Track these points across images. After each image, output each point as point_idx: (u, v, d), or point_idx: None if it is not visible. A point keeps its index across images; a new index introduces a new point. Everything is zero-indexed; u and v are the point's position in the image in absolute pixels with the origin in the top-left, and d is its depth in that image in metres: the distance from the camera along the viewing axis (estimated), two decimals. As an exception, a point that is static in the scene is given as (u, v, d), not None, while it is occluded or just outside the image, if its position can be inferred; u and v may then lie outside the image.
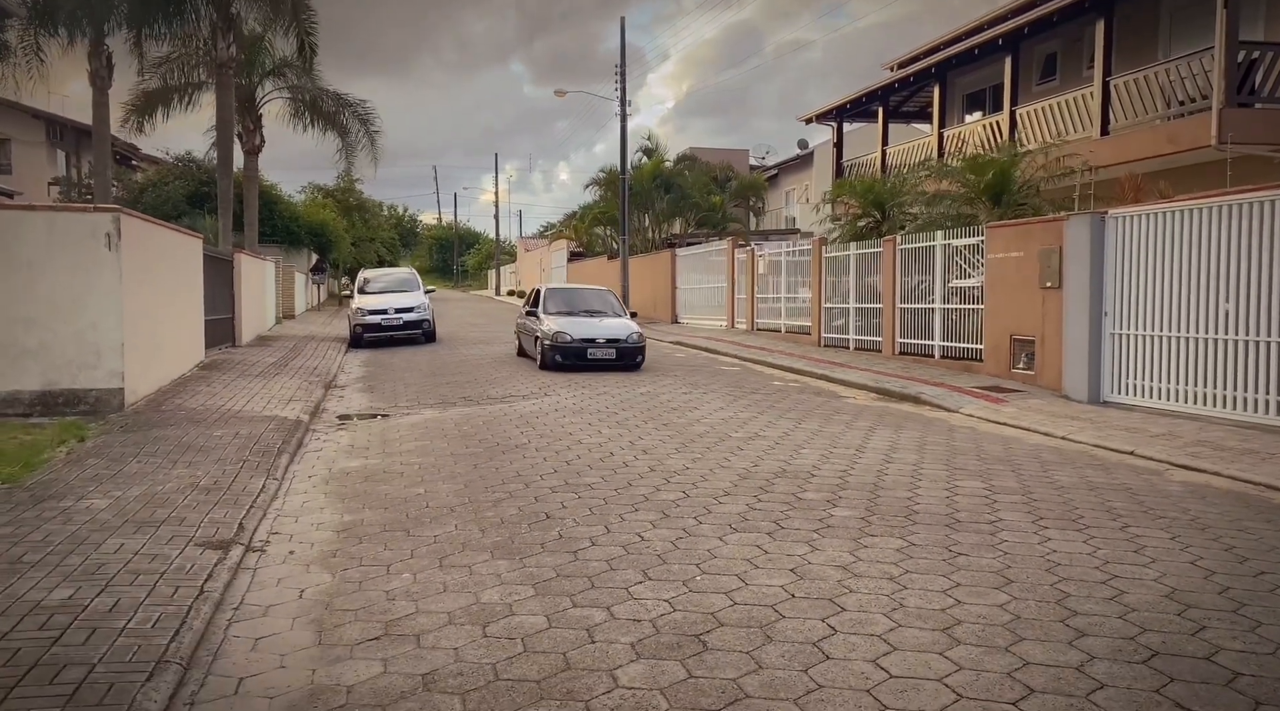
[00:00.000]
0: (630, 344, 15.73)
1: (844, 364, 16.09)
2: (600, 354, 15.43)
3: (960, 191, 17.24)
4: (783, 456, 8.41)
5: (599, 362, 15.41)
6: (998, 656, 3.97)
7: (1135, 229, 11.18)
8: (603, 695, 3.68)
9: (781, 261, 21.60)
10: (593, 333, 15.67)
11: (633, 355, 15.73)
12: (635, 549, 5.58)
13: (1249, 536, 5.84)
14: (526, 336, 17.31)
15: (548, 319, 16.07)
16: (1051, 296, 12.55)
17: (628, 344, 15.70)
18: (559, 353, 15.36)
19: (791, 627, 4.32)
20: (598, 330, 15.79)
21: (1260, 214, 9.56)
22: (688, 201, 33.39)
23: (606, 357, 15.46)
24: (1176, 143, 15.97)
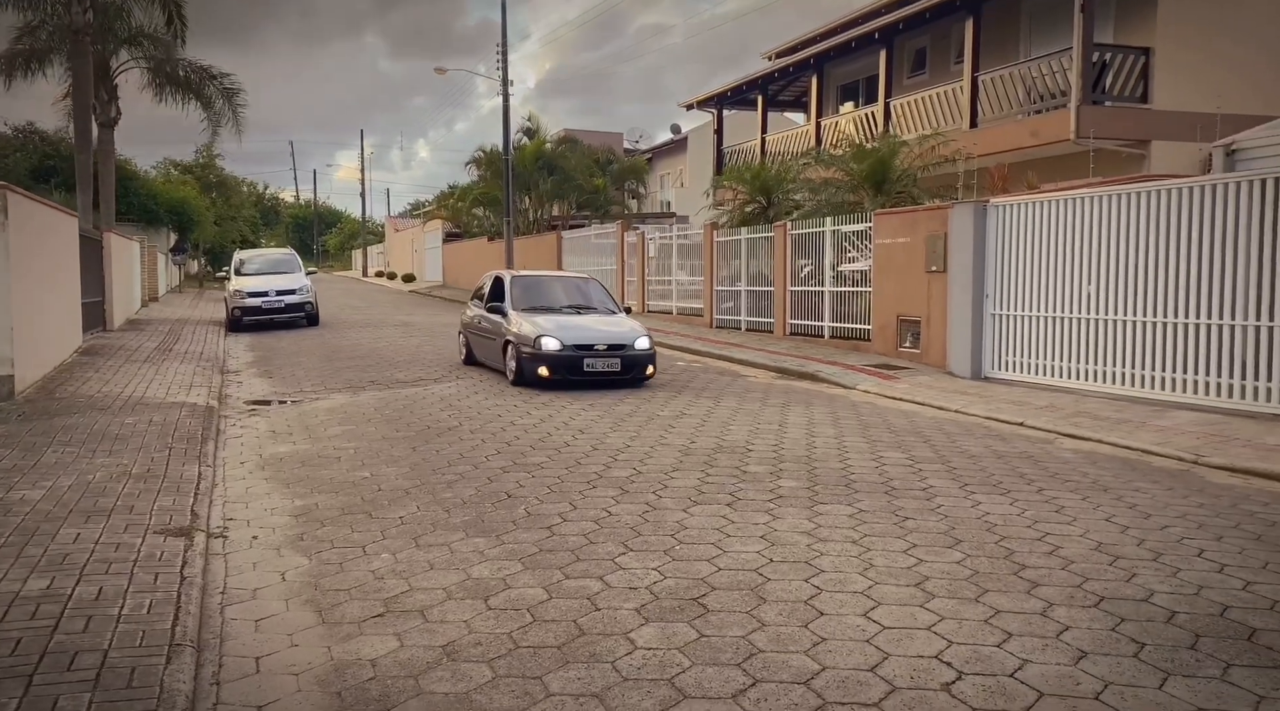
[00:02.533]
0: (638, 352, 11.67)
1: (739, 344, 16.65)
2: (601, 365, 11.38)
3: (843, 179, 18.07)
4: (714, 433, 8.77)
5: (599, 377, 11.41)
6: (971, 606, 4.40)
7: (1013, 217, 12.08)
8: (625, 656, 3.89)
9: (672, 245, 22.04)
10: (588, 337, 11.66)
11: (642, 366, 11.72)
12: (607, 523, 5.79)
13: (1145, 495, 6.56)
14: (484, 340, 13.13)
15: (520, 318, 12.04)
16: (937, 280, 13.39)
17: (635, 352, 11.63)
18: (544, 364, 11.26)
19: (780, 588, 4.64)
20: (594, 333, 11.78)
21: (1118, 205, 10.55)
22: (571, 183, 33.41)
23: (609, 370, 11.44)
24: (1039, 136, 17.23)
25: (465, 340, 14.21)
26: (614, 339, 11.74)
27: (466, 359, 14.10)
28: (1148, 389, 10.21)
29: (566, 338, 11.48)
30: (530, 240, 31.72)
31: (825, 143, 23.04)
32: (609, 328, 12.07)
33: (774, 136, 26.40)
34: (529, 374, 11.43)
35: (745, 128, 29.08)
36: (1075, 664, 3.78)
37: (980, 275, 12.49)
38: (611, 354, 11.53)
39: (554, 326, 11.69)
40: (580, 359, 11.38)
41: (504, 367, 12.13)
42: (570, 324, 11.96)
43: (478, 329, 13.49)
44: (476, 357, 13.66)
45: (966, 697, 3.50)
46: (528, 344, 11.50)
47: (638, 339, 11.79)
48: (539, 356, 11.35)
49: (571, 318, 12.31)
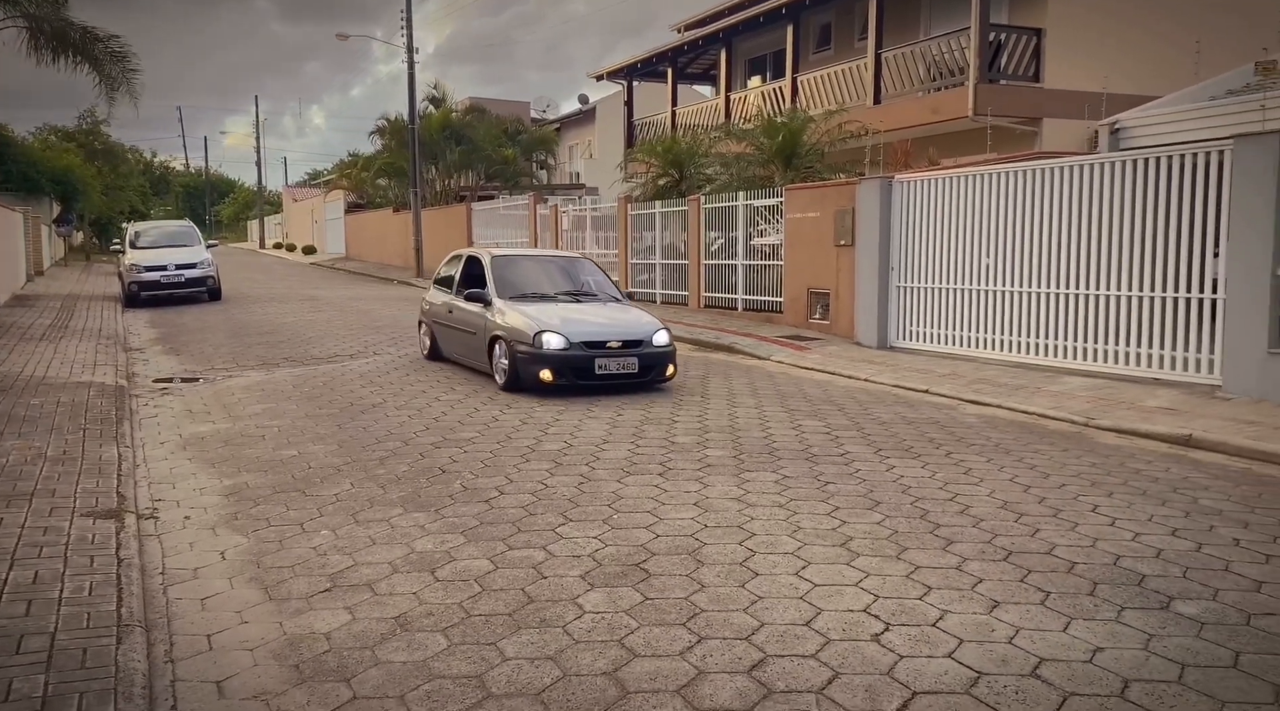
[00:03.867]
0: (657, 348, 9.66)
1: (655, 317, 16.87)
2: (615, 366, 9.36)
3: (754, 154, 18.41)
4: (639, 405, 8.97)
5: (613, 381, 9.41)
6: (893, 563, 4.73)
7: (916, 192, 12.58)
8: (574, 621, 4.06)
9: (586, 217, 22.08)
10: (598, 332, 9.60)
11: (661, 365, 9.72)
12: (544, 495, 5.94)
13: (1042, 456, 7.05)
14: (458, 334, 10.96)
15: (509, 308, 9.93)
16: (845, 253, 13.85)
17: (654, 348, 9.62)
18: (547, 366, 9.20)
19: (716, 552, 4.88)
20: (603, 327, 9.74)
21: (1012, 181, 11.12)
22: (479, 154, 32.98)
23: (625, 372, 9.42)
24: (939, 113, 17.87)
25: (429, 333, 11.84)
26: (627, 333, 9.62)
27: (430, 354, 11.86)
28: (1042, 356, 10.85)
29: (573, 333, 9.32)
30: (438, 212, 31.26)
31: (735, 117, 23.35)
32: (618, 319, 10.00)
33: (684, 109, 26.60)
34: (527, 378, 9.29)
35: (655, 99, 29.18)
36: (989, 612, 4.12)
37: (886, 249, 12.98)
38: (626, 352, 9.42)
39: (555, 320, 9.51)
40: (590, 359, 9.23)
41: (487, 367, 10.05)
42: (573, 316, 9.82)
43: (446, 320, 11.31)
44: (444, 353, 11.59)
45: (894, 646, 3.80)
46: (524, 341, 9.32)
47: (655, 332, 9.73)
48: (540, 357, 9.18)
49: (571, 308, 10.15)
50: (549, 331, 9.30)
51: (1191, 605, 4.19)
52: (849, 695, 3.39)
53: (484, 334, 10.12)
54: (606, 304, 10.63)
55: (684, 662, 3.65)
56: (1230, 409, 8.25)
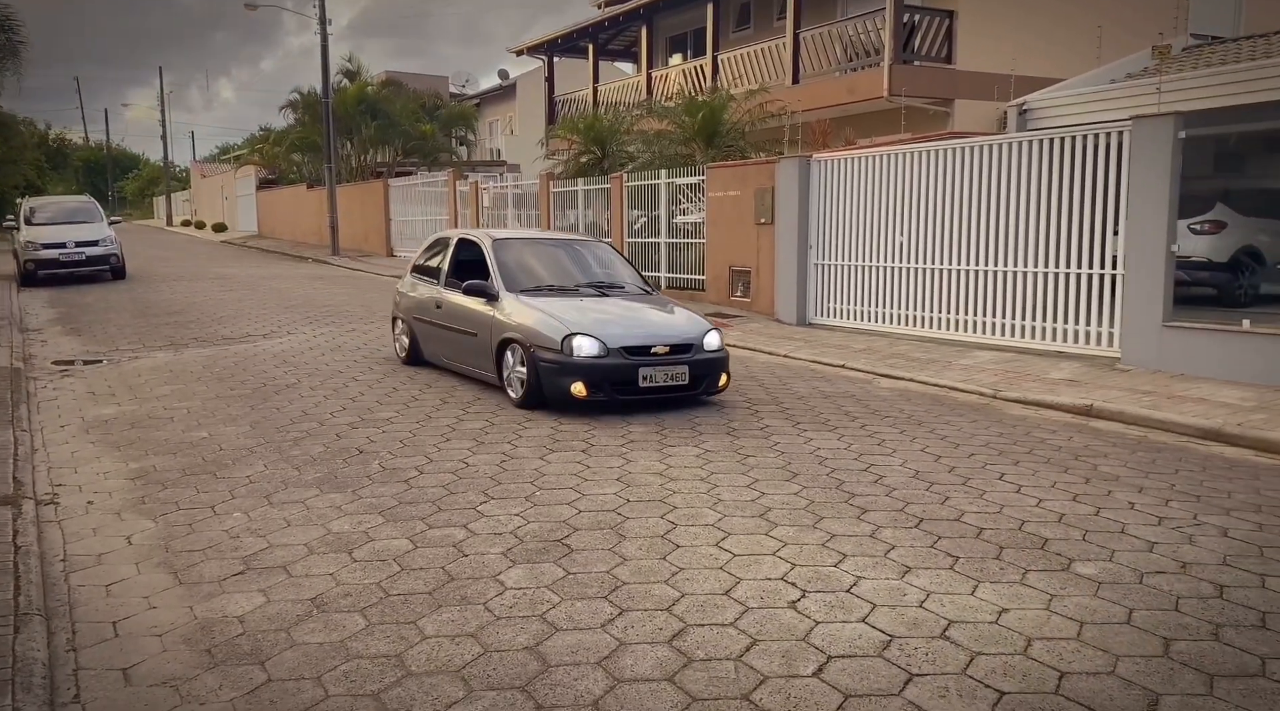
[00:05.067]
0: (710, 354, 7.91)
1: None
2: (662, 377, 7.57)
3: (676, 132, 18.43)
4: (560, 382, 8.95)
5: (660, 394, 7.67)
6: (809, 532, 4.83)
7: (833, 171, 12.77)
8: (495, 597, 4.05)
9: (508, 195, 21.84)
10: (639, 334, 7.77)
11: (714, 374, 7.95)
12: (465, 474, 5.89)
13: (952, 427, 7.28)
14: (451, 335, 9.00)
15: (523, 305, 8.08)
16: (765, 232, 14.00)
17: (706, 354, 7.87)
18: (579, 377, 7.41)
19: (638, 526, 4.92)
20: (646, 329, 7.92)
21: (925, 160, 11.38)
22: (396, 129, 32.25)
23: (674, 384, 7.65)
24: (856, 93, 18.15)
25: (409, 331, 9.81)
26: (675, 336, 7.79)
27: (410, 357, 9.82)
28: (953, 331, 11.17)
29: (610, 337, 7.54)
30: (354, 188, 30.52)
31: (656, 94, 23.32)
32: (660, 319, 8.19)
33: (606, 86, 26.45)
34: (553, 392, 7.51)
35: (576, 76, 28.94)
36: (902, 578, 4.25)
37: (804, 227, 13.16)
38: (675, 359, 7.63)
39: (586, 320, 7.71)
40: (634, 368, 7.45)
41: (492, 376, 8.27)
42: (606, 314, 7.97)
43: (433, 318, 9.25)
44: (427, 357, 9.59)
45: (810, 612, 3.89)
46: (549, 347, 7.50)
47: (706, 334, 7.93)
48: (570, 366, 7.39)
49: (600, 304, 8.25)
50: (582, 335, 7.45)
51: (1090, 566, 4.39)
52: (766, 661, 3.47)
53: (490, 336, 8.19)
54: (637, 298, 8.74)
55: (605, 635, 3.68)
56: (1128, 379, 8.63)
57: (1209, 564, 4.43)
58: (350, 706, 3.17)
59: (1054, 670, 3.40)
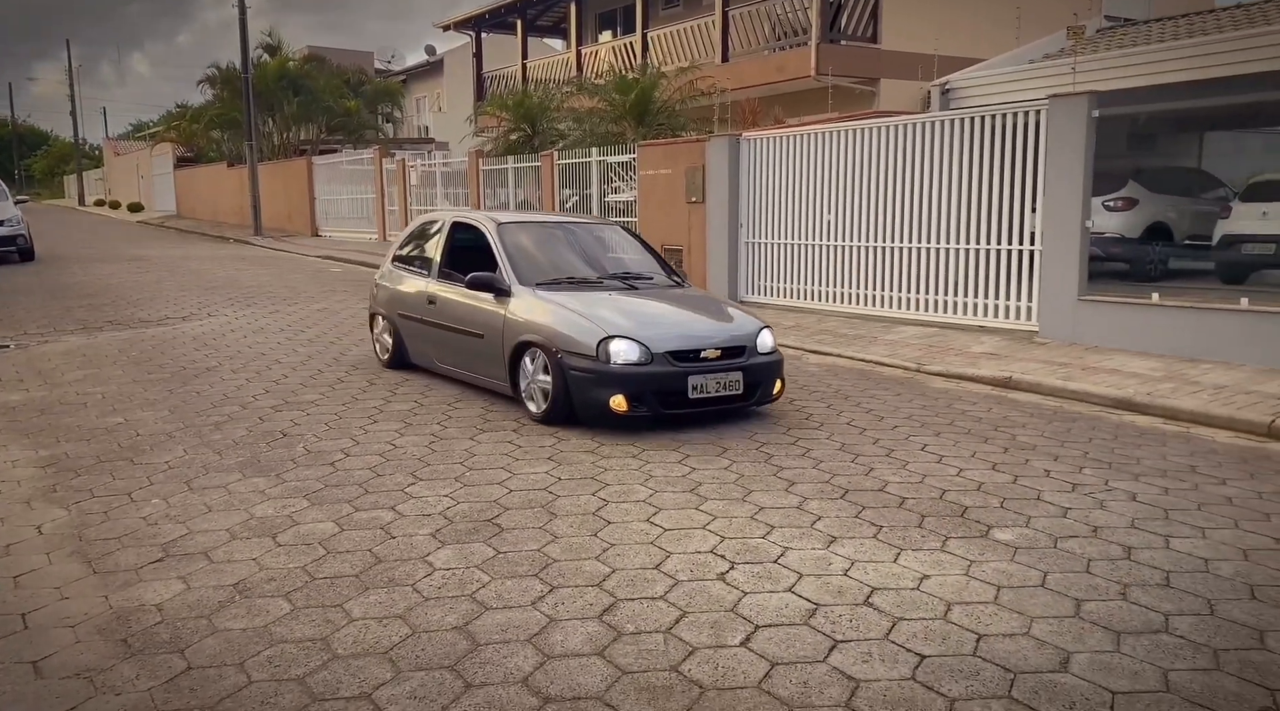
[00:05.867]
0: (764, 357, 6.76)
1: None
2: (714, 386, 6.42)
3: (607, 109, 18.34)
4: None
5: (711, 406, 6.50)
6: (738, 505, 4.89)
7: (763, 150, 12.86)
8: (424, 578, 4.02)
9: (436, 173, 21.49)
10: (687, 336, 6.59)
11: (769, 380, 6.76)
12: (393, 455, 5.81)
13: (878, 400, 7.43)
14: (448, 336, 7.73)
15: (541, 300, 6.90)
16: (696, 210, 14.04)
17: (761, 357, 6.73)
18: (619, 387, 6.25)
19: (569, 504, 4.92)
20: (692, 329, 6.74)
21: (851, 139, 11.53)
22: (319, 105, 31.44)
23: (728, 394, 6.48)
24: (784, 72, 18.28)
25: (392, 330, 8.47)
26: (725, 337, 6.67)
27: (394, 360, 8.49)
28: (879, 308, 11.37)
29: (653, 339, 6.36)
30: (277, 166, 29.71)
31: (587, 72, 23.16)
32: (704, 316, 7.05)
33: (535, 63, 26.17)
34: (586, 406, 6.35)
35: (505, 52, 28.55)
36: (827, 547, 4.33)
37: (735, 205, 13.23)
38: (728, 364, 6.48)
39: (623, 319, 6.53)
40: (683, 376, 6.30)
41: (501, 384, 7.07)
42: (643, 313, 6.81)
43: (425, 315, 7.94)
44: (415, 360, 8.33)
45: (739, 583, 3.94)
46: (581, 352, 6.33)
47: (759, 333, 6.82)
48: (608, 375, 6.21)
49: (633, 300, 7.08)
50: (621, 337, 6.28)
51: (1007, 532, 4.54)
52: (695, 632, 3.51)
53: (502, 338, 6.95)
54: (671, 291, 7.54)
55: (536, 612, 3.68)
56: (1045, 352, 8.90)
57: (1118, 527, 4.61)
58: (274, 691, 3.11)
59: (972, 633, 3.51)
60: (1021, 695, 3.07)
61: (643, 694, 3.08)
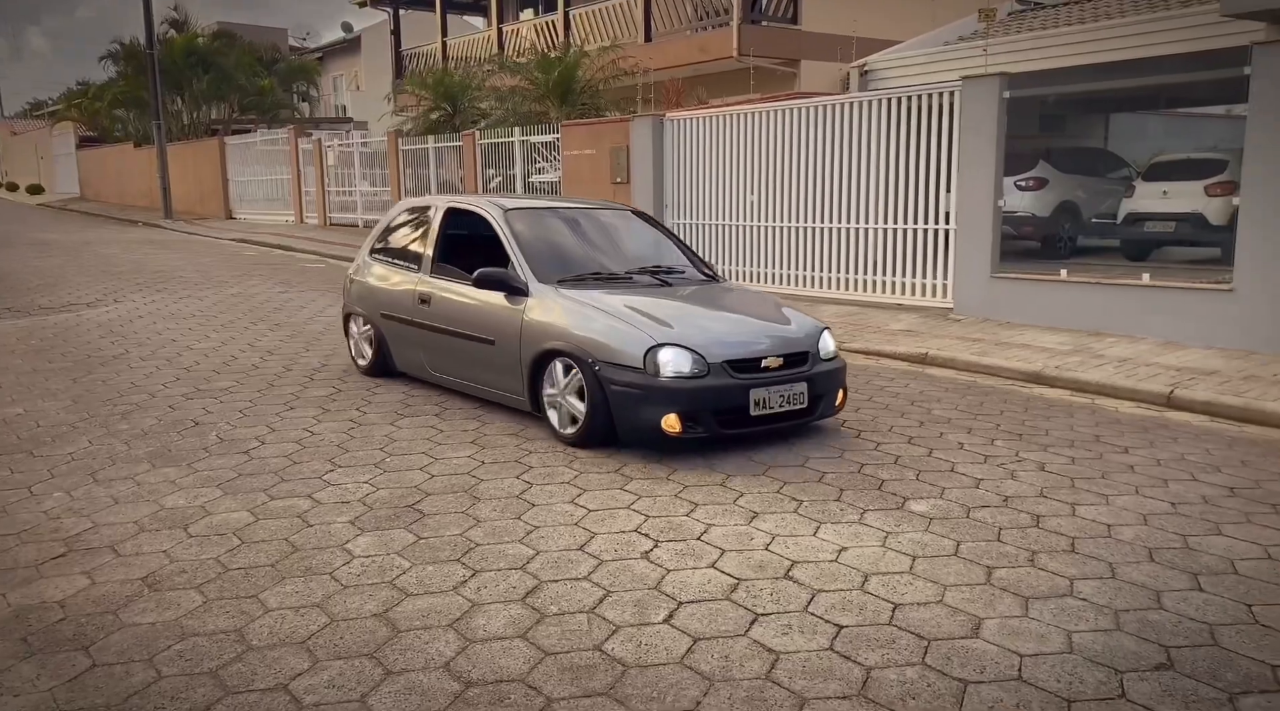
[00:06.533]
0: (827, 363, 5.86)
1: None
2: (777, 400, 5.48)
3: (529, 88, 18.14)
4: (413, 346, 8.73)
5: (772, 423, 5.56)
6: (663, 484, 4.92)
7: (687, 131, 12.88)
8: (343, 566, 3.94)
9: (354, 153, 21.01)
10: (746, 342, 5.65)
11: (833, 391, 5.87)
12: (310, 443, 5.68)
13: (801, 378, 7.53)
14: (449, 342, 6.62)
15: (566, 300, 5.90)
16: (621, 190, 13.99)
17: (824, 364, 5.82)
18: (674, 403, 5.26)
19: (493, 487, 4.88)
20: (747, 332, 5.81)
21: (773, 120, 11.63)
22: (231, 83, 30.40)
23: (792, 409, 5.56)
24: (707, 52, 18.31)
25: (374, 334, 7.40)
26: (786, 342, 5.74)
27: (375, 367, 7.43)
28: (802, 287, 11.52)
29: (708, 347, 5.43)
30: (187, 147, 28.66)
31: (508, 50, 22.86)
32: (758, 318, 6.09)
33: (455, 40, 25.72)
34: (632, 426, 5.40)
35: (424, 30, 27.97)
36: (749, 523, 4.39)
37: (660, 186, 13.24)
38: (791, 374, 5.58)
39: (670, 322, 5.59)
40: (744, 389, 5.38)
41: (520, 400, 6.05)
42: (690, 314, 5.88)
43: (416, 317, 6.85)
44: (401, 367, 7.29)
45: (662, 562, 3.96)
46: (624, 363, 5.37)
47: (820, 335, 5.93)
48: (658, 390, 5.26)
49: (675, 300, 6.16)
50: (671, 346, 5.35)
51: (922, 503, 4.66)
52: (619, 611, 3.52)
53: (519, 345, 5.93)
54: (707, 287, 6.63)
55: (458, 597, 3.64)
56: (960, 329, 9.14)
57: (1028, 496, 4.77)
58: (186, 686, 3.02)
59: (888, 602, 3.59)
60: (935, 661, 3.16)
61: (566, 674, 3.08)
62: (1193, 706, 2.89)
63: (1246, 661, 3.16)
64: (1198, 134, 15.92)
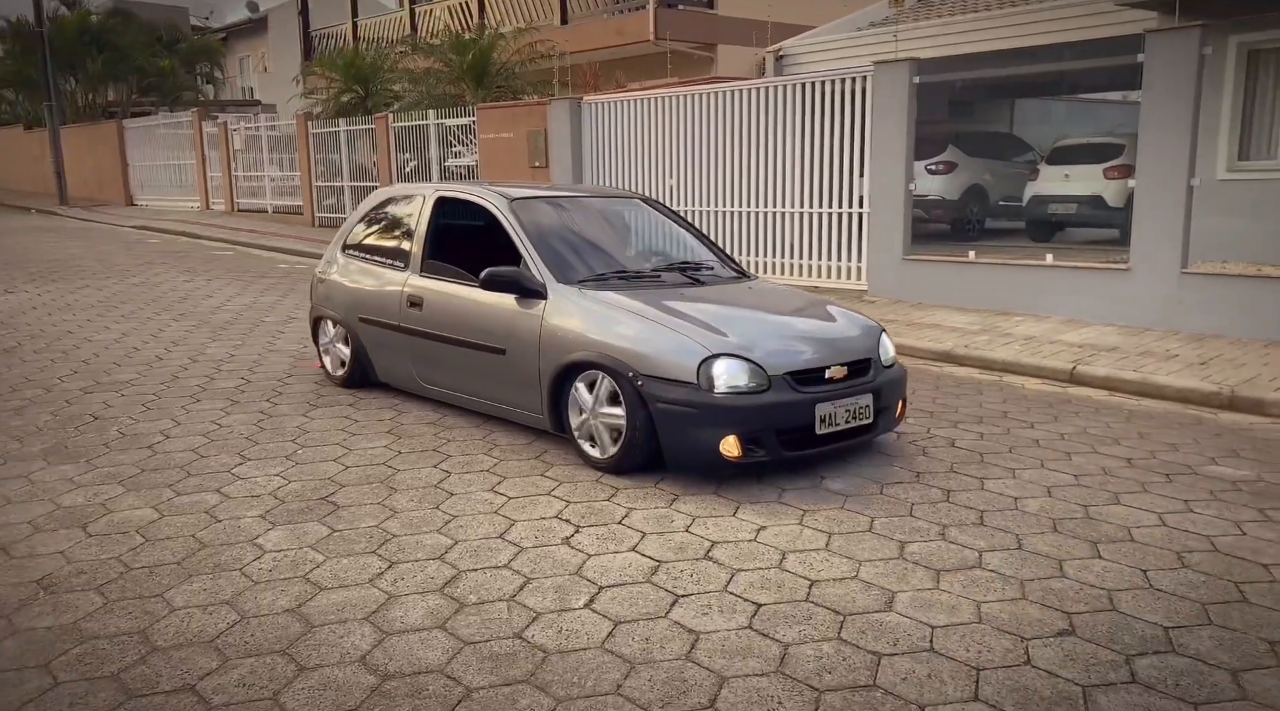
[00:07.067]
0: (890, 372, 5.22)
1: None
2: (842, 415, 4.80)
3: (444, 70, 17.82)
4: (326, 334, 8.52)
5: (839, 441, 4.89)
6: (583, 469, 4.90)
7: (606, 114, 12.82)
8: (253, 562, 3.83)
9: (262, 137, 20.34)
10: (806, 349, 4.94)
11: (895, 401, 5.22)
12: (218, 436, 5.50)
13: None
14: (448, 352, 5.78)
15: (594, 304, 5.12)
16: (540, 174, 13.88)
17: (888, 373, 5.19)
18: (733, 423, 4.55)
19: (410, 477, 4.80)
20: (803, 337, 5.09)
21: (691, 104, 11.65)
22: (128, 64, 29.08)
23: (857, 424, 4.89)
24: (624, 35, 18.26)
25: (351, 339, 6.52)
26: (846, 348, 5.08)
27: (352, 377, 6.58)
28: (721, 270, 11.60)
29: (768, 356, 4.77)
30: (83, 130, 27.35)
31: (421, 31, 22.41)
32: (808, 320, 5.41)
33: (367, 21, 25.11)
34: (687, 449, 4.69)
35: (334, 9, 27.19)
36: (670, 506, 4.41)
37: (579, 170, 13.17)
38: (856, 385, 4.94)
39: (720, 327, 4.89)
40: (809, 404, 4.71)
41: (537, 417, 5.31)
42: (736, 318, 5.15)
43: (404, 321, 6.02)
44: (383, 377, 6.46)
45: (584, 547, 3.95)
46: (672, 376, 4.66)
47: (879, 337, 5.31)
48: (714, 409, 4.56)
49: (714, 302, 5.40)
50: (728, 356, 4.65)
51: (838, 481, 4.74)
52: (539, 598, 3.50)
53: (537, 355, 5.17)
54: (740, 284, 5.89)
55: (374, 590, 3.57)
56: (874, 310, 9.31)
57: (938, 472, 4.90)
58: (85, 691, 2.90)
59: (805, 579, 3.65)
60: (850, 636, 3.22)
61: (485, 663, 3.05)
62: (1093, 670, 3.01)
63: (1142, 624, 3.31)
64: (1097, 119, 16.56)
